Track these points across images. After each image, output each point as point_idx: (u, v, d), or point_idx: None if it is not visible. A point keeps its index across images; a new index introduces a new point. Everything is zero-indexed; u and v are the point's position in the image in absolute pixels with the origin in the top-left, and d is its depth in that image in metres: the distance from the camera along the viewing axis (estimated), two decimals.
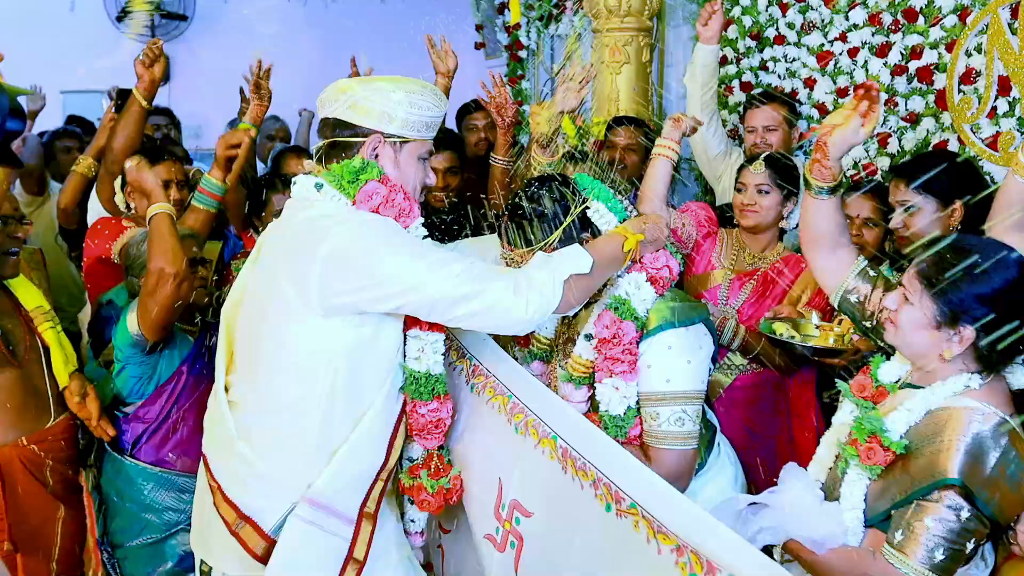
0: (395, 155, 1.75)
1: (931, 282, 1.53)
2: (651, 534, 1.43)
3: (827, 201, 1.80)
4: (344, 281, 1.62)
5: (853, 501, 1.57)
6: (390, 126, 1.72)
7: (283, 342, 1.69)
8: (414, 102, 1.73)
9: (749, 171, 2.50)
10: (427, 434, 1.83)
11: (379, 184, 1.69)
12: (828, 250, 1.84)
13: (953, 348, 1.51)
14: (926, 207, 2.18)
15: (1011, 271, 1.49)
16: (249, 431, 1.73)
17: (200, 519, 1.83)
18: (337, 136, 1.74)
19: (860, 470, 1.56)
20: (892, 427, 1.53)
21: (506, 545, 1.75)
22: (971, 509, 1.41)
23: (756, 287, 2.50)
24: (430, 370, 1.78)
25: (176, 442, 2.33)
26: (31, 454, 2.18)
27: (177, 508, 2.34)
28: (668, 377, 1.79)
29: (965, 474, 1.41)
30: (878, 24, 3.17)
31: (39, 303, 2.32)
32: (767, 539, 1.59)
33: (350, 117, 1.71)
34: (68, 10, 5.58)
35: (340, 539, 1.70)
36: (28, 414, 2.19)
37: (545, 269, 1.68)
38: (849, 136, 1.71)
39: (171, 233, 2.15)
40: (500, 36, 5.72)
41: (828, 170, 1.76)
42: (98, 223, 2.78)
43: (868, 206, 2.51)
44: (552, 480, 1.67)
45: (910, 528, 1.45)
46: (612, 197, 1.87)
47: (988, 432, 1.43)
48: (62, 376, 2.27)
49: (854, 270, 1.81)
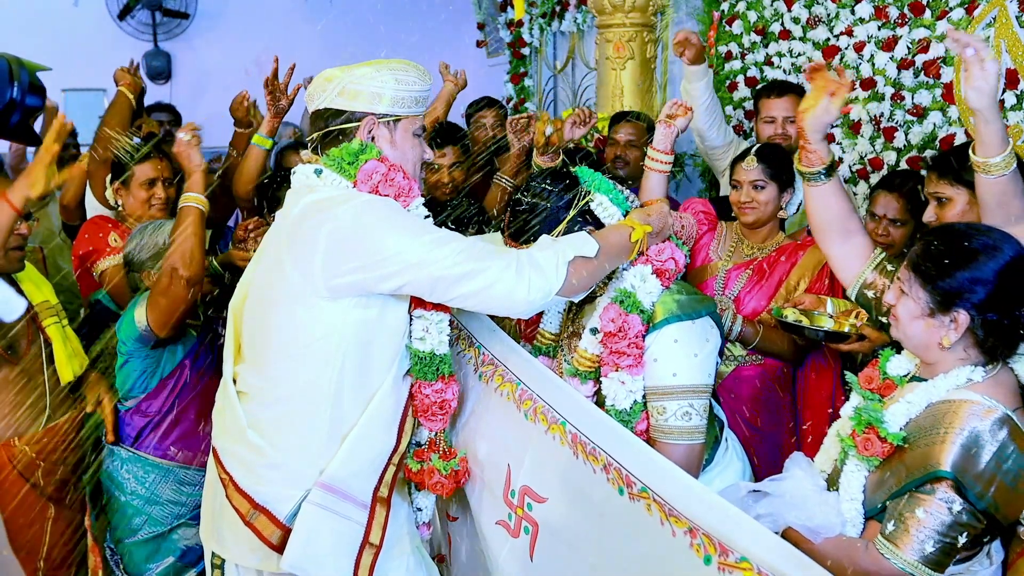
0: (391, 135, 1.77)
1: (921, 270, 1.53)
2: (663, 516, 1.44)
3: (824, 186, 1.79)
4: (346, 261, 1.61)
5: (851, 492, 1.56)
6: (380, 106, 1.73)
7: (290, 327, 1.69)
8: (400, 79, 1.74)
9: (742, 168, 2.48)
10: (432, 415, 1.81)
11: (378, 163, 1.70)
12: (840, 238, 1.83)
13: (950, 335, 1.50)
14: (958, 199, 2.13)
15: (998, 251, 1.48)
16: (259, 420, 1.72)
17: (210, 512, 1.82)
18: (331, 124, 1.75)
19: (858, 461, 1.55)
20: (891, 419, 1.53)
21: (520, 531, 1.75)
22: (963, 503, 1.40)
23: (751, 276, 2.49)
24: (435, 350, 1.77)
25: (178, 435, 2.33)
26: (22, 455, 2.17)
27: (178, 501, 2.33)
28: (675, 371, 1.77)
29: (958, 467, 1.40)
30: (884, 18, 3.15)
31: (45, 297, 2.30)
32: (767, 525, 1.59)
33: (340, 104, 1.73)
34: (72, 5, 5.56)
35: (355, 524, 1.70)
36: (26, 414, 2.17)
37: (549, 250, 1.67)
38: (821, 114, 1.74)
39: (195, 233, 2.13)
40: (502, 34, 5.71)
41: (814, 153, 1.77)
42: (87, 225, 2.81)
43: (895, 205, 2.49)
44: (564, 465, 1.67)
45: (902, 519, 1.44)
46: (614, 189, 1.86)
47: (986, 426, 1.41)
48: (65, 372, 2.26)
49: (871, 263, 1.80)
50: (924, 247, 1.55)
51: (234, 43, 6.21)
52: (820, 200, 1.82)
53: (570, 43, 5.23)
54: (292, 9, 6.09)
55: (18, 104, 0.81)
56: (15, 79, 0.81)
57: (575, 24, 5.04)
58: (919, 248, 1.57)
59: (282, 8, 6.06)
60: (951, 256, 1.49)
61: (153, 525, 2.30)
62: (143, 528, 2.30)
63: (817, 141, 1.77)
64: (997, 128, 1.69)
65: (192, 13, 6.23)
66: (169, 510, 2.32)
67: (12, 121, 0.84)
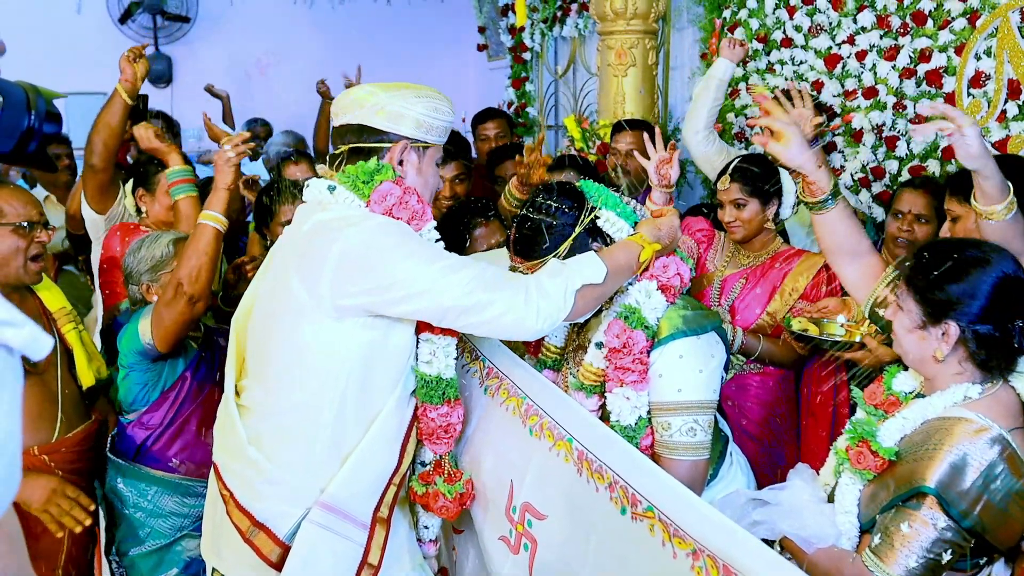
0: (418, 161, 1.77)
1: (913, 282, 1.54)
2: (667, 537, 1.43)
3: (832, 212, 1.80)
4: (355, 283, 1.61)
5: (846, 505, 1.57)
6: (418, 131, 1.74)
7: (294, 344, 1.69)
8: (437, 107, 1.75)
9: (720, 188, 2.48)
10: (436, 439, 1.82)
11: (393, 185, 1.69)
12: (851, 259, 1.84)
13: (942, 347, 1.51)
14: (967, 217, 2.15)
15: (988, 264, 1.49)
16: (260, 435, 1.72)
17: (211, 527, 1.83)
18: (364, 142, 1.73)
19: (852, 474, 1.57)
20: (885, 434, 1.54)
21: (520, 547, 1.75)
22: (948, 520, 1.40)
23: (745, 284, 2.50)
24: (441, 374, 1.77)
25: (180, 447, 2.32)
26: (42, 464, 2.16)
27: (181, 513, 2.33)
28: (679, 387, 1.77)
29: (942, 484, 1.40)
30: (886, 27, 3.15)
31: (62, 303, 2.30)
32: (762, 533, 1.60)
33: (377, 123, 1.72)
34: (75, 13, 5.56)
35: (354, 544, 1.69)
36: (42, 424, 2.16)
37: (558, 277, 1.66)
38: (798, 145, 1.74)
39: (207, 251, 2.12)
40: (503, 38, 5.71)
41: (815, 184, 1.78)
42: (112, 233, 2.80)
43: (921, 202, 2.49)
44: (567, 483, 1.66)
45: (888, 533, 1.45)
46: (620, 202, 1.85)
47: (976, 445, 1.41)
48: (87, 377, 2.26)
49: (883, 280, 1.81)
50: (916, 260, 1.57)
51: (235, 47, 6.22)
52: (828, 226, 1.82)
53: (571, 48, 5.24)
54: (293, 13, 6.09)
55: (36, 132, 0.82)
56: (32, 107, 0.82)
57: (576, 29, 5.04)
58: (912, 261, 1.58)
59: (283, 12, 6.06)
60: (941, 268, 1.51)
61: (156, 537, 2.30)
62: (147, 540, 2.30)
63: (814, 171, 1.77)
64: (996, 181, 1.71)
65: (193, 17, 6.23)
66: (172, 522, 2.31)
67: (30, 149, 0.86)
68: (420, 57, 6.40)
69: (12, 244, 2.10)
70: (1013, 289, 1.48)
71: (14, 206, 2.12)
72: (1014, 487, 1.40)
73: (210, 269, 2.13)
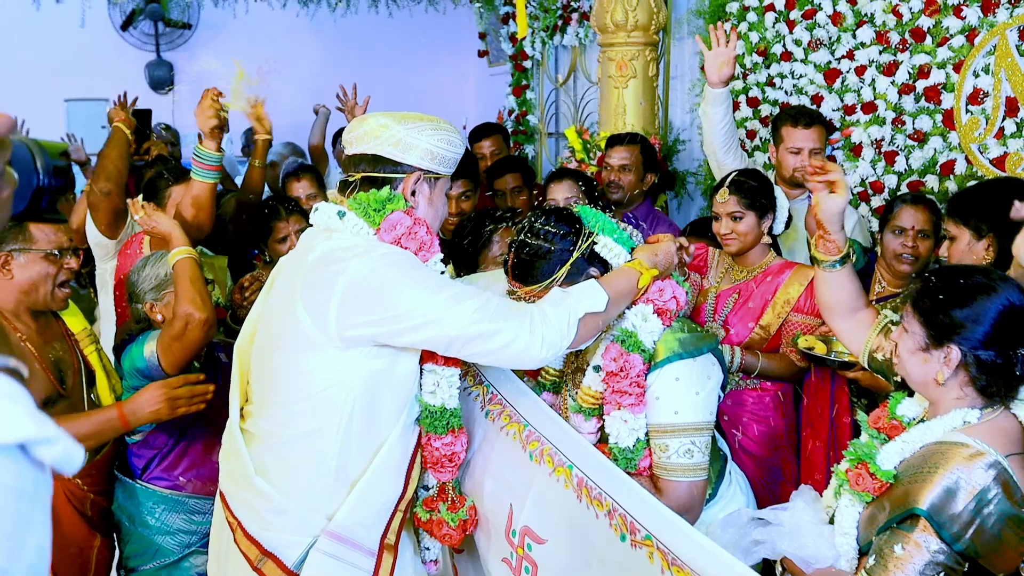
0: (430, 191, 1.79)
1: (919, 305, 1.57)
2: (665, 565, 1.46)
3: (838, 272, 1.83)
4: (361, 313, 1.62)
5: (845, 526, 1.59)
6: (431, 163, 1.75)
7: (299, 373, 1.70)
8: (450, 140, 1.77)
9: (717, 200, 2.48)
10: (441, 467, 1.83)
11: (404, 215, 1.71)
12: (846, 315, 1.87)
13: (944, 370, 1.53)
14: (961, 237, 2.18)
15: (994, 290, 1.51)
16: (265, 464, 1.73)
17: (218, 553, 1.84)
18: (378, 171, 1.74)
19: (851, 496, 1.59)
20: (885, 456, 1.56)
21: (521, 570, 1.77)
22: (940, 543, 1.42)
23: (738, 299, 2.51)
24: (445, 404, 1.79)
25: (186, 465, 2.34)
26: (75, 487, 2.19)
27: (189, 530, 2.34)
28: (676, 409, 1.79)
29: (935, 507, 1.42)
30: (885, 43, 3.17)
31: (83, 325, 2.33)
32: (763, 553, 1.63)
33: (393, 154, 1.72)
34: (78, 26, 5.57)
35: (362, 571, 1.71)
36: None
37: (561, 307, 1.68)
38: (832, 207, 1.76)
39: (197, 278, 2.16)
40: (504, 46, 5.72)
41: (832, 243, 1.80)
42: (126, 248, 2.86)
43: (922, 217, 2.50)
44: (567, 508, 1.68)
45: (882, 554, 1.47)
46: (617, 228, 1.87)
47: (971, 469, 1.43)
48: (107, 397, 2.28)
49: (875, 328, 1.83)
50: (923, 284, 1.60)
51: (236, 54, 6.20)
52: (832, 283, 1.85)
53: (572, 57, 5.25)
54: (294, 20, 6.09)
55: (46, 189, 0.84)
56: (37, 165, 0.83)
57: (577, 39, 5.06)
58: (918, 285, 1.61)
59: (284, 19, 6.06)
60: (947, 292, 1.53)
61: (164, 554, 2.32)
62: (155, 557, 2.32)
63: (836, 231, 1.79)
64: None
65: (194, 24, 6.25)
66: (180, 539, 2.33)
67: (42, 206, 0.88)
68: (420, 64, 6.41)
69: (42, 270, 2.13)
70: (1017, 318, 1.50)
71: (46, 233, 2.15)
72: (1008, 512, 1.42)
73: (206, 290, 2.18)
